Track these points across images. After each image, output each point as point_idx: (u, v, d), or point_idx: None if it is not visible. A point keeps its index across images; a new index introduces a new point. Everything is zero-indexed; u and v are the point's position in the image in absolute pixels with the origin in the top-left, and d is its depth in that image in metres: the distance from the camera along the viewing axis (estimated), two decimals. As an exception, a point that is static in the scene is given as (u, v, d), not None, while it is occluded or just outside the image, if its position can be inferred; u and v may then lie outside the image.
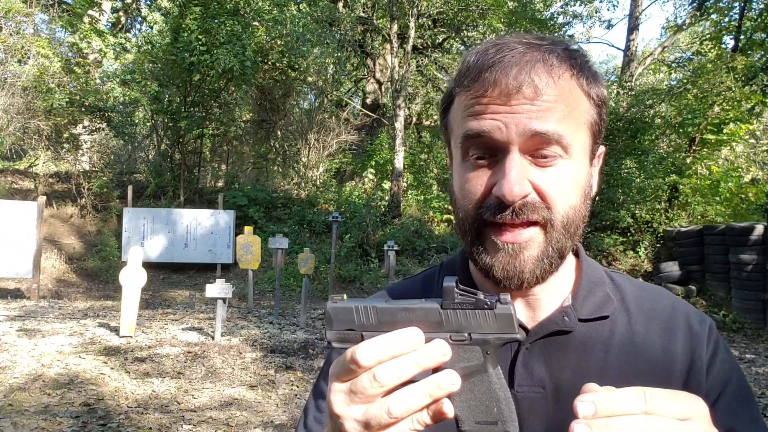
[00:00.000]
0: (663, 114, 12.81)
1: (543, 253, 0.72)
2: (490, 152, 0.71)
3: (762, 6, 12.81)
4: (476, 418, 0.56)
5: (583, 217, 0.75)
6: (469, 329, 0.55)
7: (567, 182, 0.71)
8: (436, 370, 0.53)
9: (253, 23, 14.76)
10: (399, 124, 14.82)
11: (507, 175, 0.68)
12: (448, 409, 0.52)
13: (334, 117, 18.84)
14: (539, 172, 0.70)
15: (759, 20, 12.83)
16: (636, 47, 16.71)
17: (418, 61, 19.06)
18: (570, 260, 0.84)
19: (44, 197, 11.22)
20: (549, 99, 0.69)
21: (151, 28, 14.92)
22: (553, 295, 0.80)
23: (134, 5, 20.07)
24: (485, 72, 0.71)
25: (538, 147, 0.69)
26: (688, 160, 12.12)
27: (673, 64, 18.51)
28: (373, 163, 18.33)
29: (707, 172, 12.13)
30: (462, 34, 18.10)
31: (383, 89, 19.44)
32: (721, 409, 0.74)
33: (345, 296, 0.58)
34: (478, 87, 0.71)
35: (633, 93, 13.54)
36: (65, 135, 14.16)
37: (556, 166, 0.71)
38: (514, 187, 0.67)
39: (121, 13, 20.11)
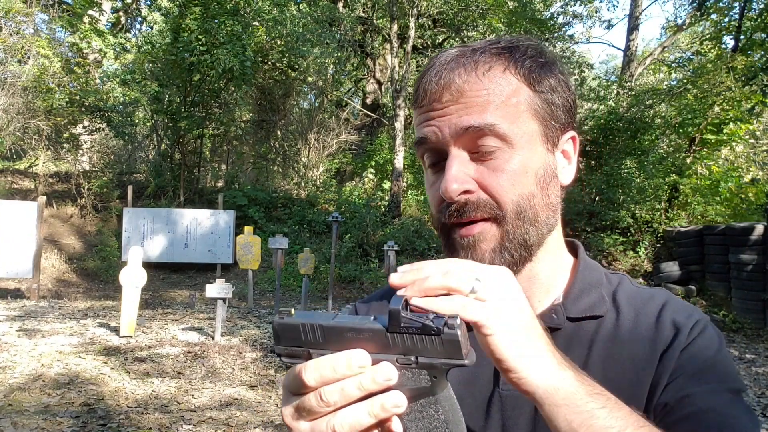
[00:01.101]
0: (663, 114, 12.81)
1: (500, 245, 0.73)
2: (440, 157, 0.74)
3: (762, 6, 12.81)
4: None
5: (545, 204, 0.75)
6: (415, 353, 0.53)
7: (512, 172, 0.72)
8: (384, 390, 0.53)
9: (253, 23, 14.76)
10: (399, 124, 14.81)
11: (445, 174, 0.71)
12: (397, 428, 0.53)
13: (334, 117, 18.84)
14: (482, 167, 0.72)
15: (759, 20, 12.83)
16: (636, 47, 16.72)
17: (418, 61, 19.05)
18: (567, 259, 0.84)
19: (44, 197, 11.22)
20: (475, 94, 0.71)
21: (151, 28, 14.93)
22: (543, 293, 0.80)
23: (134, 5, 20.07)
24: (419, 83, 0.76)
25: (475, 142, 0.71)
26: (688, 160, 12.12)
27: (673, 64, 18.50)
28: (373, 163, 18.33)
29: (707, 172, 12.12)
30: (462, 34, 18.08)
31: (383, 89, 19.44)
32: (683, 379, 0.70)
33: (292, 310, 0.58)
34: (417, 99, 0.76)
35: (633, 93, 13.55)
36: (65, 135, 14.16)
37: (498, 159, 0.72)
38: (450, 185, 0.70)
39: (121, 13, 20.11)
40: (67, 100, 13.28)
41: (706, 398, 0.67)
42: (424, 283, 0.54)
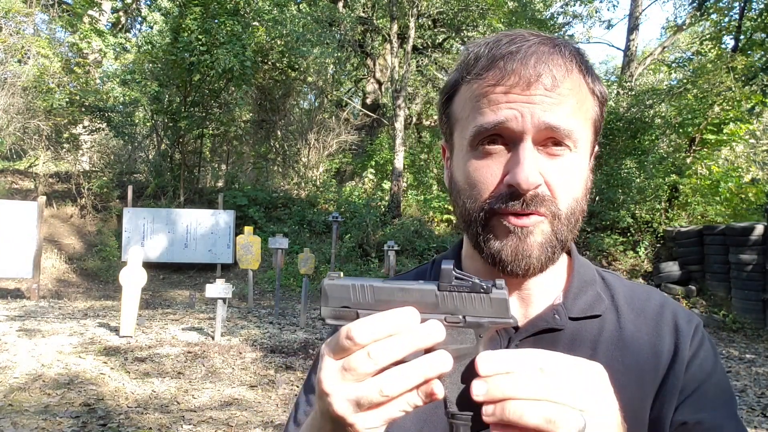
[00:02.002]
0: (663, 114, 12.81)
1: (548, 242, 0.72)
2: (502, 141, 0.71)
3: (762, 6, 12.81)
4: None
5: (582, 211, 0.76)
6: (464, 312, 0.55)
7: (573, 175, 0.72)
8: (428, 350, 0.54)
9: (253, 23, 14.76)
10: (399, 124, 14.81)
11: (522, 163, 0.68)
12: (439, 390, 0.53)
13: (334, 117, 18.84)
14: (549, 163, 0.71)
15: (759, 20, 12.83)
16: (636, 47, 16.72)
17: (418, 61, 19.05)
18: (563, 258, 0.85)
19: (44, 197, 11.22)
20: (564, 92, 0.70)
21: (151, 28, 14.92)
22: (545, 292, 0.80)
23: (134, 5, 20.07)
24: (500, 61, 0.70)
25: (549, 138, 0.70)
26: (688, 160, 12.12)
27: (673, 64, 18.51)
28: (373, 163, 18.33)
29: (707, 172, 12.12)
30: (462, 34, 18.08)
31: (383, 89, 19.44)
32: (694, 401, 0.75)
33: (341, 273, 0.59)
34: (493, 75, 0.71)
35: (633, 93, 13.55)
36: (65, 135, 14.15)
37: (565, 158, 0.71)
38: (529, 176, 0.68)
39: (121, 13, 20.11)
40: (67, 100, 13.28)
41: (716, 427, 0.74)
42: (513, 411, 0.49)
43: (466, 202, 0.75)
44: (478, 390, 0.51)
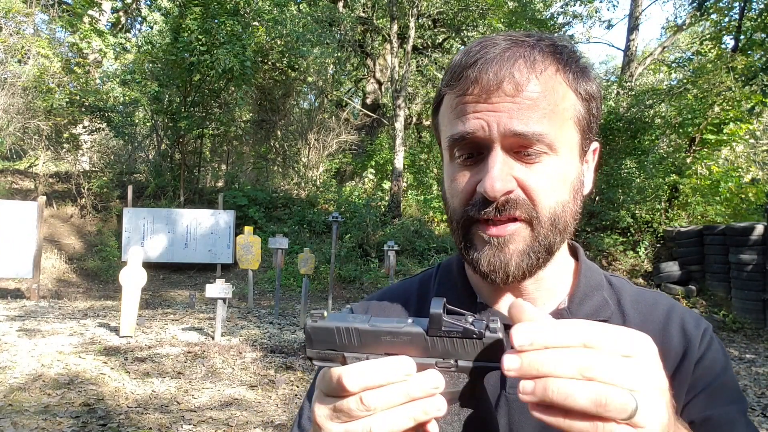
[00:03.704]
0: (663, 114, 12.80)
1: (529, 248, 0.72)
2: (476, 150, 0.71)
3: (762, 6, 12.81)
4: None
5: (573, 213, 0.75)
6: (456, 356, 0.53)
7: (553, 179, 0.71)
8: None
9: (253, 23, 14.76)
10: (399, 124, 14.81)
11: (489, 171, 0.68)
12: (433, 431, 0.52)
13: (334, 117, 18.84)
14: (524, 168, 0.70)
15: (759, 20, 12.83)
16: (636, 47, 16.71)
17: (418, 61, 19.06)
18: (569, 262, 0.84)
19: (44, 197, 11.22)
20: (531, 95, 0.68)
21: (151, 28, 14.92)
22: (548, 297, 0.80)
23: (134, 5, 20.07)
24: (467, 70, 0.71)
25: (521, 145, 0.70)
26: (688, 160, 12.11)
27: (673, 64, 18.50)
28: (373, 163, 18.33)
29: (707, 172, 12.12)
30: (462, 34, 18.09)
31: (383, 89, 19.44)
32: (703, 399, 0.74)
33: (324, 313, 0.56)
34: (461, 85, 0.71)
35: (633, 93, 13.54)
36: (65, 135, 14.15)
37: (542, 163, 0.70)
38: (496, 183, 0.68)
39: (121, 13, 20.11)
40: (67, 100, 13.28)
41: (725, 425, 0.72)
42: (556, 391, 0.45)
43: (449, 211, 0.77)
44: (510, 364, 0.46)
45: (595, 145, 0.80)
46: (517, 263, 0.71)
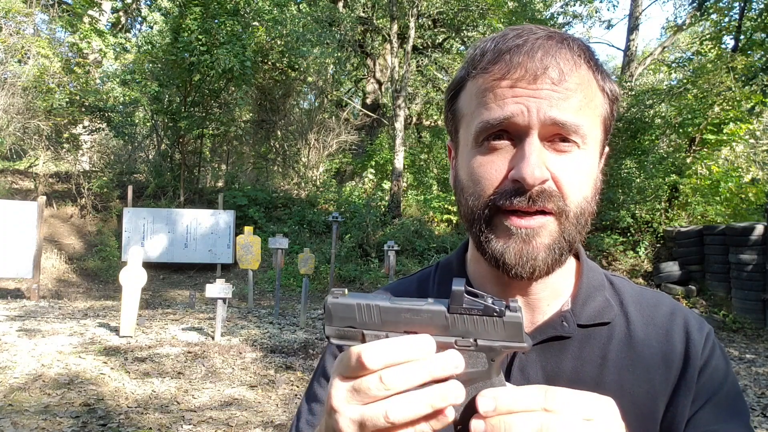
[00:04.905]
0: (663, 114, 12.80)
1: (555, 242, 0.70)
2: (508, 136, 0.69)
3: (762, 6, 12.81)
4: None
5: (592, 212, 0.74)
6: (475, 335, 0.53)
7: (582, 172, 0.70)
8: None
9: (253, 23, 14.76)
10: (399, 124, 14.81)
11: (527, 158, 0.66)
12: (450, 415, 0.51)
13: (334, 117, 18.84)
14: (557, 158, 0.69)
15: (759, 20, 12.83)
16: (636, 47, 16.72)
17: (418, 61, 19.06)
18: (570, 263, 0.83)
19: (44, 197, 11.21)
20: (571, 86, 0.68)
21: (151, 28, 14.92)
22: (552, 298, 0.79)
23: (134, 5, 20.07)
24: (507, 54, 0.69)
25: (556, 134, 0.68)
26: (688, 160, 12.11)
27: (673, 64, 18.50)
28: (373, 163, 18.33)
29: (707, 172, 12.12)
30: (462, 34, 18.10)
31: (383, 89, 19.44)
32: (707, 413, 0.74)
33: (346, 290, 0.56)
34: (499, 69, 0.69)
35: (633, 93, 13.53)
36: (65, 135, 14.15)
37: (573, 154, 0.69)
38: (535, 171, 0.66)
39: (121, 13, 20.11)
40: (67, 100, 13.28)
41: None
42: None
43: (469, 199, 0.73)
44: (477, 427, 0.49)
45: (607, 149, 0.80)
46: (544, 258, 0.69)
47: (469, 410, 0.53)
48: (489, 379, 0.54)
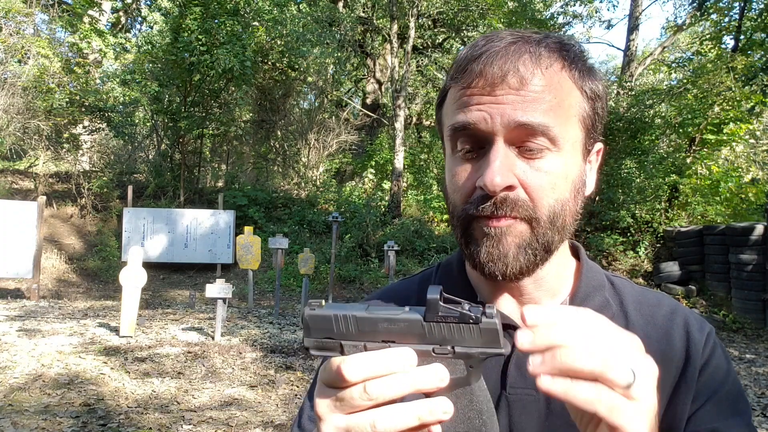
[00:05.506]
0: (663, 114, 12.80)
1: (526, 243, 0.70)
2: (477, 144, 0.70)
3: (762, 6, 12.81)
4: (458, 429, 0.55)
5: (573, 213, 0.74)
6: (452, 342, 0.53)
7: (554, 175, 0.70)
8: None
9: (253, 23, 14.76)
10: (399, 124, 14.81)
11: (490, 165, 0.67)
12: (437, 430, 0.52)
13: (334, 117, 18.85)
14: (525, 164, 0.69)
15: (759, 20, 12.83)
16: (636, 47, 16.71)
17: (418, 61, 19.07)
18: (570, 262, 0.83)
19: (44, 197, 11.22)
20: (535, 89, 0.68)
21: (151, 28, 14.92)
22: (548, 297, 0.79)
23: (134, 5, 20.07)
24: (472, 63, 0.70)
25: (524, 139, 0.68)
26: (688, 160, 12.11)
27: (673, 64, 18.50)
28: (373, 163, 18.33)
29: (707, 172, 12.12)
30: (462, 34, 18.10)
31: (383, 89, 19.45)
32: (708, 411, 0.74)
33: (323, 302, 0.56)
34: (465, 78, 0.70)
35: (633, 93, 13.54)
36: (65, 135, 14.15)
37: (544, 159, 0.69)
38: (495, 177, 0.66)
39: (121, 13, 20.11)
40: (67, 100, 13.27)
41: None
42: (566, 357, 0.48)
43: (450, 206, 0.76)
44: (523, 339, 0.49)
45: (599, 146, 0.79)
46: (515, 256, 0.70)
47: (455, 417, 0.54)
48: (468, 386, 0.54)
